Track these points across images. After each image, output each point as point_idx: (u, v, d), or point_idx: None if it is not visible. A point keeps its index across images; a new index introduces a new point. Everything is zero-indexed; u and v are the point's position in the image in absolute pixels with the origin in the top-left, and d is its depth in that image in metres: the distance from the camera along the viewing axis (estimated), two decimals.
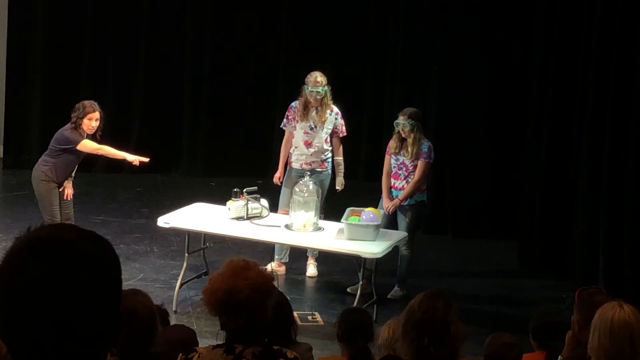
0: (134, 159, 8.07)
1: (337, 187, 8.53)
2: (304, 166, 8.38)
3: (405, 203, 8.17)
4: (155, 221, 7.92)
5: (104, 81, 11.92)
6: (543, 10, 9.36)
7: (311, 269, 8.64)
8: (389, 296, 8.21)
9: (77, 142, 7.77)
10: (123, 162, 11.46)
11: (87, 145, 7.81)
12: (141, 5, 11.97)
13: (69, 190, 8.03)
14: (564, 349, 4.62)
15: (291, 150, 8.50)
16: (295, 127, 8.44)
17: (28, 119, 11.96)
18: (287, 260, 8.60)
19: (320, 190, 8.00)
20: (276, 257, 8.52)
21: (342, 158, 8.55)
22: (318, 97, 8.26)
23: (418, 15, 10.95)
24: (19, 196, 10.32)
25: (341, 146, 8.54)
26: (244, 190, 7.88)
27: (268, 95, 11.93)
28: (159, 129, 12.03)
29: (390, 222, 8.13)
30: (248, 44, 11.96)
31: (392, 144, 8.24)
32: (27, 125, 11.96)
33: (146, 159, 8.14)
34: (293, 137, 8.49)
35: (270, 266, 8.22)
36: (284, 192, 8.40)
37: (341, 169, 8.56)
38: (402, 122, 8.09)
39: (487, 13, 10.25)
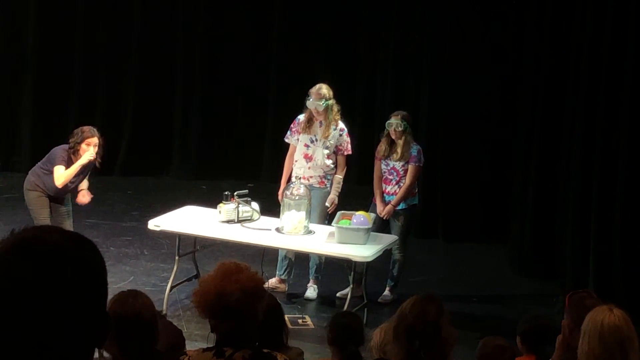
0: (89, 156, 7.61)
1: (326, 204, 8.14)
2: (302, 181, 8.03)
3: (398, 207, 8.16)
4: (146, 224, 7.89)
5: (95, 84, 11.90)
6: (535, 10, 9.37)
7: (310, 292, 8.28)
8: (379, 300, 8.20)
9: (53, 166, 7.57)
10: (114, 165, 11.57)
11: (56, 175, 7.54)
12: (133, 8, 11.95)
13: (83, 199, 7.84)
14: (554, 353, 4.61)
15: (293, 165, 8.24)
16: (298, 139, 8.20)
17: (18, 121, 11.92)
18: (286, 277, 8.35)
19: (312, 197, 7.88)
20: (277, 272, 8.33)
21: (342, 177, 8.18)
22: (319, 109, 8.01)
23: (410, 18, 10.95)
24: (9, 199, 10.28)
25: (345, 166, 8.20)
26: (235, 193, 7.85)
27: (259, 100, 11.91)
28: (150, 132, 12.01)
29: (382, 226, 8.11)
30: (240, 48, 11.94)
31: (381, 148, 8.21)
32: (17, 127, 11.92)
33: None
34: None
35: (268, 282, 7.99)
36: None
37: (338, 187, 8.17)
38: (395, 122, 8.05)
39: (479, 14, 10.26)
